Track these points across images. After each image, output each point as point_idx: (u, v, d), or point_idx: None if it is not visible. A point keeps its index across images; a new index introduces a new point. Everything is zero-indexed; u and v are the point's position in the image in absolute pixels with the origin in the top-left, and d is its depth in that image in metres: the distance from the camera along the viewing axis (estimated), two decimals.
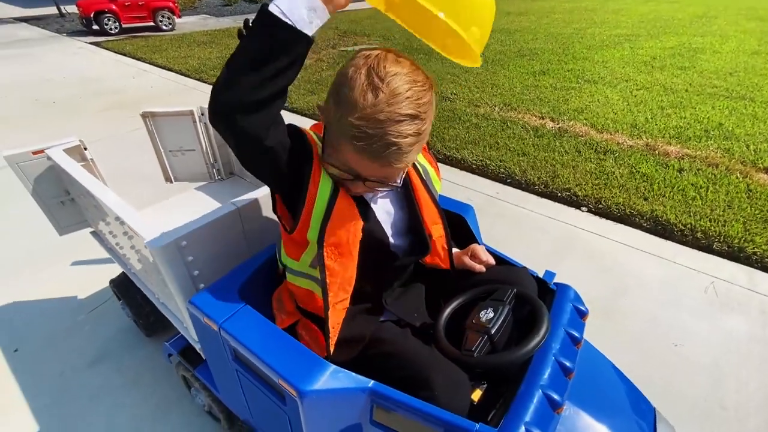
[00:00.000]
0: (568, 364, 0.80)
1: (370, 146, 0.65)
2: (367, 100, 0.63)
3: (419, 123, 0.66)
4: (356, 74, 0.64)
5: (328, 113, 0.70)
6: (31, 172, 1.48)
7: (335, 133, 0.69)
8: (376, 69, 0.64)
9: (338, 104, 0.66)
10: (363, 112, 0.63)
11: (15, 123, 4.25)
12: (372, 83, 0.63)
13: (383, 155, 0.66)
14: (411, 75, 0.66)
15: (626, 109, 4.22)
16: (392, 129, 0.64)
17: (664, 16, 9.92)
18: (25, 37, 8.81)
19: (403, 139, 0.65)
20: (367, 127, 0.64)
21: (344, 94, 0.65)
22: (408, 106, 0.64)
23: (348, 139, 0.66)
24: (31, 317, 1.93)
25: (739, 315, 1.91)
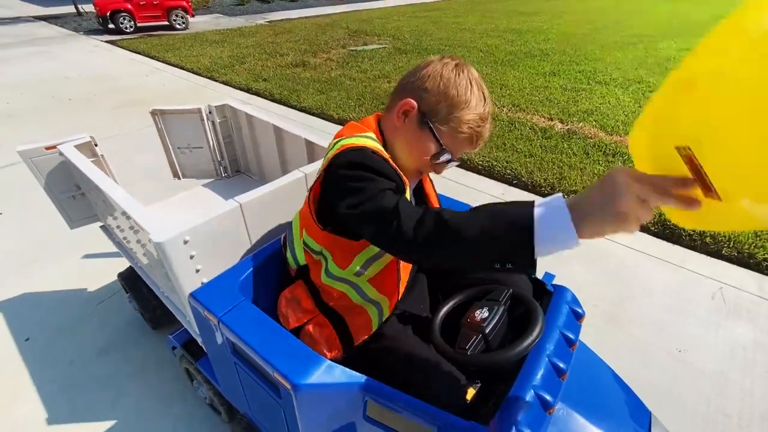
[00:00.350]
0: (562, 365, 0.81)
1: (485, 126, 0.84)
2: (482, 99, 0.83)
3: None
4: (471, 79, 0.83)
5: (446, 105, 0.82)
6: (44, 167, 1.52)
7: (452, 123, 0.82)
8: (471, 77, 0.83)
9: (465, 101, 0.81)
10: (484, 108, 0.83)
11: (31, 119, 4.36)
12: (481, 87, 0.83)
13: (481, 139, 0.86)
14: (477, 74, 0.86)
15: (637, 111, 4.16)
16: (489, 123, 0.86)
17: (682, 17, 9.74)
18: (44, 36, 9.02)
19: (490, 126, 0.87)
20: (484, 115, 0.83)
21: (472, 94, 0.81)
22: (489, 104, 0.85)
23: (472, 125, 0.82)
24: (42, 308, 1.98)
25: (747, 322, 1.88)
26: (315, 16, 11.47)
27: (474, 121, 0.82)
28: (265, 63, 6.31)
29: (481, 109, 0.82)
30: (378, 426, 0.80)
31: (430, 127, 0.83)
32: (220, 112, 1.90)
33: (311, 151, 1.50)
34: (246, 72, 5.86)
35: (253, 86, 5.25)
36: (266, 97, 4.97)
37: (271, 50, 7.09)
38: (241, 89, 5.29)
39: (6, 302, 2.02)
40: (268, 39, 8.15)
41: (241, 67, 6.11)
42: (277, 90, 5.04)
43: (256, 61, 6.44)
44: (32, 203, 2.72)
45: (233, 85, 5.43)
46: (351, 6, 13.47)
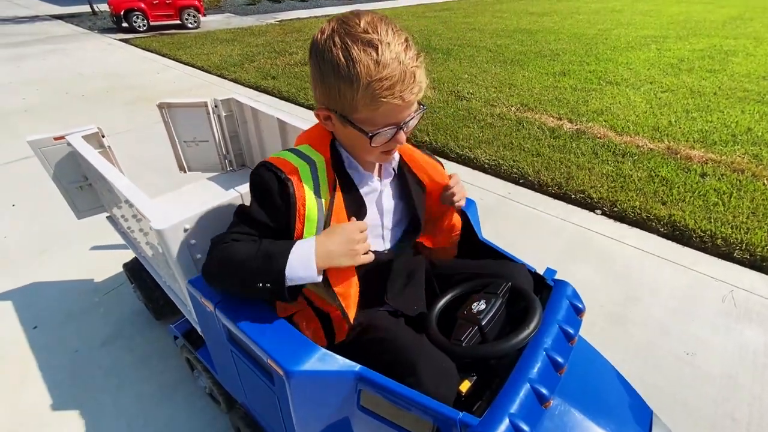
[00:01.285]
0: (560, 359, 0.79)
1: (402, 82, 0.68)
2: (372, 54, 0.66)
3: (410, 41, 0.72)
4: (342, 44, 0.67)
5: (343, 98, 0.71)
6: (52, 157, 1.55)
7: (364, 106, 0.70)
8: (350, 30, 0.67)
9: (349, 79, 0.67)
10: (379, 66, 0.66)
11: (46, 114, 4.45)
12: (363, 40, 0.66)
13: (414, 81, 0.70)
14: (373, 15, 0.70)
15: (649, 111, 4.10)
16: (407, 57, 0.68)
17: (696, 18, 9.56)
18: (59, 34, 9.21)
19: (418, 60, 0.71)
20: (390, 73, 0.67)
21: (349, 66, 0.66)
22: (398, 36, 0.69)
23: (380, 96, 0.68)
24: (50, 297, 2.02)
25: (758, 326, 1.83)
26: (325, 15, 11.52)
27: (376, 92, 0.67)
28: (274, 61, 6.35)
29: (375, 72, 0.66)
30: (372, 416, 0.79)
31: (350, 121, 0.73)
32: (226, 106, 1.92)
33: None
34: (255, 70, 5.91)
35: (261, 84, 5.29)
36: (274, 94, 5.00)
37: (281, 49, 7.14)
38: (249, 87, 5.34)
39: (16, 291, 2.07)
40: (277, 38, 8.20)
41: (251, 65, 6.16)
42: (285, 87, 5.07)
43: (266, 59, 6.49)
44: (44, 195, 2.77)
45: (242, 83, 5.48)
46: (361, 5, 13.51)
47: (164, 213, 1.02)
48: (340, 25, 0.68)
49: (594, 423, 0.81)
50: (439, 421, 0.71)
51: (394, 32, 0.69)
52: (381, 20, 0.69)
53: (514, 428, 0.68)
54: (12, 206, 2.77)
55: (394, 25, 0.70)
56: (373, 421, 0.79)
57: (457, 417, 0.69)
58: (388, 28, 0.68)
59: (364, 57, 0.65)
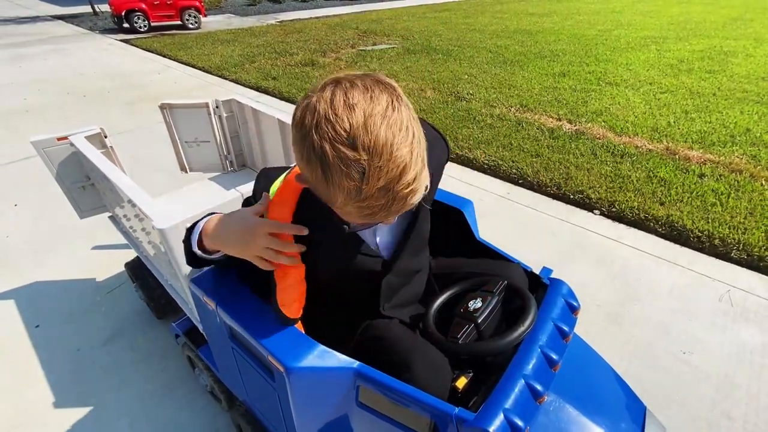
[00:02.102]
0: (554, 356, 0.81)
1: (389, 210, 0.56)
2: (354, 179, 0.52)
3: (417, 149, 0.54)
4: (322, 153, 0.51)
5: (322, 195, 0.58)
6: (56, 158, 1.57)
7: (342, 212, 0.59)
8: (336, 136, 0.51)
9: (327, 189, 0.55)
10: (360, 194, 0.53)
11: (47, 114, 4.47)
12: (345, 158, 0.51)
13: (405, 205, 0.57)
14: (373, 108, 0.52)
15: (648, 112, 4.11)
16: (400, 184, 0.53)
17: (696, 19, 9.58)
18: (61, 34, 9.23)
19: (415, 182, 0.55)
20: (374, 203, 0.54)
21: (328, 180, 0.53)
22: (398, 150, 0.52)
23: (360, 216, 0.57)
24: (52, 296, 2.03)
25: (755, 326, 1.85)
26: (325, 16, 11.54)
27: (355, 210, 0.56)
28: (275, 62, 6.37)
29: (355, 198, 0.53)
30: (370, 412, 0.81)
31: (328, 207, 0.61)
32: (227, 107, 1.94)
33: None
34: (256, 71, 5.93)
35: (262, 84, 5.31)
36: (275, 95, 5.02)
37: (281, 50, 7.16)
38: (250, 87, 5.36)
39: (18, 290, 2.08)
40: (278, 39, 8.22)
41: (251, 66, 6.18)
42: (286, 88, 5.09)
43: (266, 60, 6.51)
44: (46, 195, 2.79)
45: (243, 83, 5.50)
46: (362, 6, 13.52)
47: (166, 212, 1.04)
48: (326, 121, 0.51)
49: (588, 419, 0.82)
50: (435, 417, 0.73)
51: (394, 143, 0.51)
52: (382, 119, 0.51)
53: (509, 423, 0.69)
54: (14, 206, 2.79)
55: (400, 124, 0.52)
56: (372, 417, 0.81)
57: (453, 412, 0.70)
58: (388, 133, 0.51)
59: (345, 181, 0.52)
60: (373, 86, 0.54)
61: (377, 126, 0.51)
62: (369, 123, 0.51)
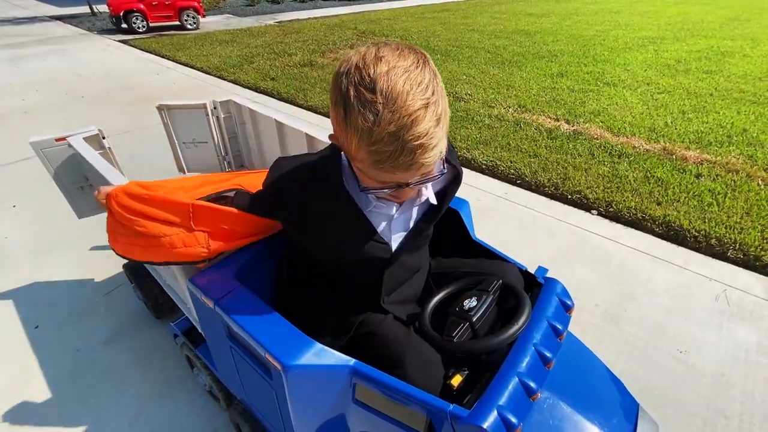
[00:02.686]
0: (548, 354, 0.82)
1: (396, 160, 0.58)
2: (368, 120, 0.56)
3: (433, 108, 0.57)
4: (346, 94, 0.57)
5: (341, 142, 0.64)
6: (54, 158, 1.57)
7: (356, 160, 0.64)
8: (360, 80, 0.56)
9: (346, 132, 0.60)
10: (371, 137, 0.56)
11: (45, 115, 4.47)
12: (364, 99, 0.55)
13: (414, 161, 0.59)
14: (398, 62, 0.57)
15: (645, 112, 4.13)
16: (410, 134, 0.56)
17: (693, 19, 9.61)
18: (59, 35, 9.22)
19: (426, 137, 0.57)
20: (383, 148, 0.57)
21: (347, 121, 0.58)
22: (413, 101, 0.55)
23: (372, 164, 0.61)
24: (51, 297, 2.04)
25: (750, 325, 1.86)
26: (324, 17, 11.55)
27: (367, 156, 0.60)
28: (274, 62, 6.38)
29: (366, 140, 0.57)
30: (366, 409, 0.82)
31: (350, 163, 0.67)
32: (225, 108, 1.94)
33: (312, 144, 1.53)
34: (254, 71, 5.94)
35: (261, 85, 5.32)
36: (273, 95, 5.03)
37: (280, 50, 7.17)
38: (249, 88, 5.36)
39: (17, 290, 2.08)
40: (277, 39, 8.23)
41: (250, 67, 6.18)
42: (285, 89, 5.10)
43: (265, 60, 6.52)
44: (44, 196, 2.79)
45: (241, 84, 5.50)
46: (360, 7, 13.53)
47: None
48: (356, 68, 0.58)
49: (581, 416, 0.83)
50: (430, 414, 0.74)
51: (411, 93, 0.55)
52: (404, 72, 0.56)
53: (503, 420, 0.70)
54: (13, 207, 2.79)
55: (419, 81, 0.57)
56: (368, 414, 0.81)
57: (448, 409, 0.71)
58: (406, 86, 0.55)
59: (360, 120, 0.56)
60: (404, 48, 0.60)
61: (397, 76, 0.56)
62: (391, 73, 0.56)
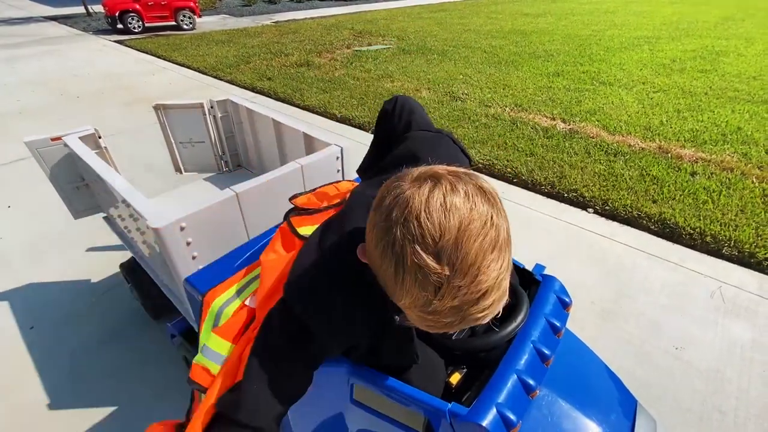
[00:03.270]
0: (546, 351, 0.82)
1: (450, 327, 0.50)
2: (428, 290, 0.46)
3: (503, 274, 0.48)
4: (401, 250, 0.46)
5: (384, 285, 0.52)
6: (50, 158, 1.56)
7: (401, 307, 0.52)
8: (422, 239, 0.45)
9: (394, 287, 0.49)
10: (428, 307, 0.47)
11: (41, 116, 4.44)
12: (425, 268, 0.45)
13: (467, 326, 0.51)
14: (471, 217, 0.46)
15: (641, 111, 4.15)
16: (474, 308, 0.48)
17: (688, 19, 9.67)
18: (54, 35, 9.17)
19: (489, 308, 0.48)
20: (440, 320, 0.49)
21: (398, 280, 0.48)
22: (486, 275, 0.46)
23: (421, 325, 0.52)
24: (47, 298, 2.02)
25: (745, 321, 1.87)
26: (321, 17, 11.54)
27: (416, 318, 0.51)
28: (270, 62, 6.36)
29: (422, 308, 0.48)
30: (365, 409, 0.81)
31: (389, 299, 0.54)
32: (222, 107, 1.94)
33: (309, 143, 1.52)
34: (251, 71, 5.92)
35: (257, 85, 5.31)
36: (270, 95, 5.02)
37: (276, 50, 7.15)
38: (245, 88, 5.35)
39: (12, 292, 2.07)
40: (273, 39, 8.21)
41: (246, 67, 6.17)
42: (281, 89, 5.09)
43: (261, 60, 6.50)
44: (40, 196, 2.77)
45: (238, 84, 5.49)
46: (357, 7, 13.53)
47: (161, 212, 1.04)
48: (416, 218, 0.45)
49: (580, 412, 0.83)
50: (429, 413, 0.74)
51: (483, 266, 0.45)
52: (480, 233, 0.45)
53: (502, 417, 0.70)
54: (8, 207, 2.77)
55: (497, 238, 0.46)
56: (366, 414, 0.81)
57: (447, 407, 0.71)
58: (480, 251, 0.45)
59: (417, 289, 0.47)
60: (475, 194, 0.47)
61: (470, 242, 0.45)
62: (462, 236, 0.45)
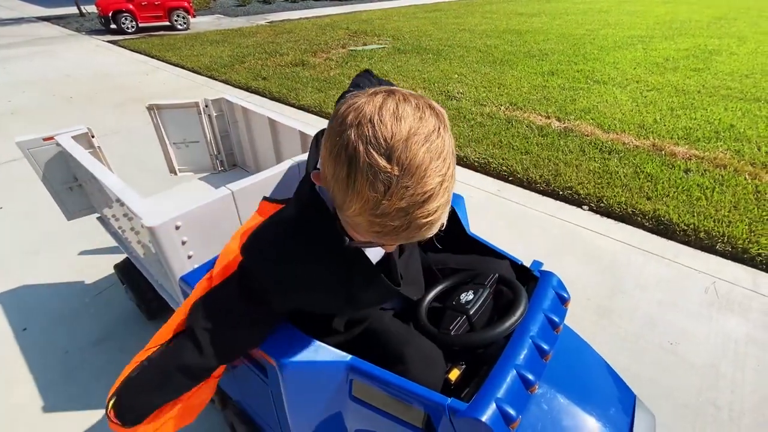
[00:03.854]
0: (545, 346, 0.82)
1: (399, 235, 0.52)
2: (378, 190, 0.48)
3: (447, 183, 0.51)
4: (354, 151, 0.48)
5: (334, 195, 0.54)
6: (42, 158, 1.54)
7: (350, 218, 0.54)
8: (375, 140, 0.48)
9: (345, 192, 0.51)
10: (377, 209, 0.49)
11: (33, 116, 4.39)
12: (376, 166, 0.47)
13: (417, 235, 0.53)
14: (419, 126, 0.49)
15: (635, 109, 4.18)
16: (420, 211, 0.50)
17: (681, 18, 9.76)
18: (46, 36, 9.08)
19: (435, 214, 0.51)
20: (388, 222, 0.50)
21: (349, 182, 0.50)
22: (431, 177, 0.49)
23: (370, 233, 0.53)
24: (40, 299, 2.00)
25: (739, 316, 1.89)
26: (316, 16, 11.52)
27: (366, 223, 0.52)
28: (265, 62, 6.34)
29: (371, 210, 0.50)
30: (364, 405, 0.81)
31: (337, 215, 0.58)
32: (217, 106, 1.92)
33: (305, 142, 1.52)
34: (246, 71, 5.89)
35: (252, 85, 5.28)
36: (265, 95, 5.00)
37: (271, 50, 7.13)
38: (240, 88, 5.32)
39: (5, 293, 2.04)
40: (268, 39, 8.18)
41: (241, 66, 6.14)
42: (276, 88, 5.07)
43: (256, 60, 6.47)
44: (32, 197, 2.74)
45: (233, 84, 5.46)
46: (352, 7, 13.52)
47: (156, 210, 1.03)
48: (369, 122, 0.49)
49: (579, 407, 0.84)
50: (428, 408, 0.73)
51: (429, 168, 0.48)
52: (425, 141, 0.48)
53: (501, 412, 0.70)
54: (0, 208, 2.74)
55: (439, 152, 0.49)
56: (365, 410, 0.81)
57: (446, 403, 0.71)
58: (425, 158, 0.48)
59: (367, 189, 0.48)
60: (425, 107, 0.51)
61: (418, 145, 0.48)
62: (411, 141, 0.48)
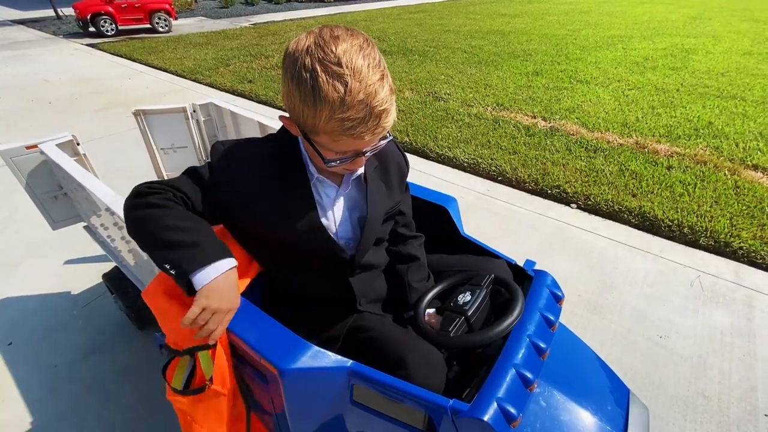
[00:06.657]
0: (542, 344, 0.83)
1: (366, 125, 0.66)
2: (340, 90, 0.62)
3: (386, 79, 0.68)
4: (312, 70, 0.63)
5: (305, 119, 0.68)
6: (25, 167, 1.50)
7: (324, 133, 0.69)
8: (325, 56, 0.63)
9: (314, 106, 0.65)
10: (344, 104, 0.63)
11: (11, 122, 4.26)
12: (332, 72, 0.62)
13: (379, 124, 0.68)
14: (353, 41, 0.65)
15: (617, 108, 4.27)
16: (375, 101, 0.65)
17: (658, 18, 10.02)
18: (23, 39, 8.82)
19: (387, 103, 0.67)
20: (355, 115, 0.64)
21: (315, 94, 0.63)
22: (373, 73, 0.64)
23: (341, 132, 0.67)
24: (25, 312, 1.94)
25: (724, 308, 1.95)
26: (299, 18, 11.47)
27: (336, 127, 0.66)
28: (250, 65, 6.28)
29: (338, 109, 0.64)
30: (365, 410, 0.81)
31: (309, 140, 0.72)
32: (205, 111, 1.90)
33: None
34: (231, 74, 5.83)
35: (238, 88, 5.23)
36: (251, 98, 4.95)
37: (256, 52, 7.06)
38: (226, 91, 5.26)
39: None
40: (252, 41, 8.11)
41: (226, 69, 6.07)
42: (263, 91, 5.03)
43: (241, 63, 6.41)
44: (14, 206, 2.66)
45: (218, 87, 5.40)
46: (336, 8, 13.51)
47: None
48: (316, 47, 0.64)
49: (576, 403, 0.85)
50: (430, 410, 0.74)
51: (370, 67, 0.64)
52: (360, 50, 0.64)
53: (503, 411, 0.71)
54: None
55: (373, 57, 0.66)
56: (367, 414, 0.81)
57: (448, 404, 0.72)
58: (365, 61, 0.64)
59: (331, 91, 0.63)
60: (353, 33, 0.67)
61: (356, 53, 0.64)
62: (351, 50, 0.64)
